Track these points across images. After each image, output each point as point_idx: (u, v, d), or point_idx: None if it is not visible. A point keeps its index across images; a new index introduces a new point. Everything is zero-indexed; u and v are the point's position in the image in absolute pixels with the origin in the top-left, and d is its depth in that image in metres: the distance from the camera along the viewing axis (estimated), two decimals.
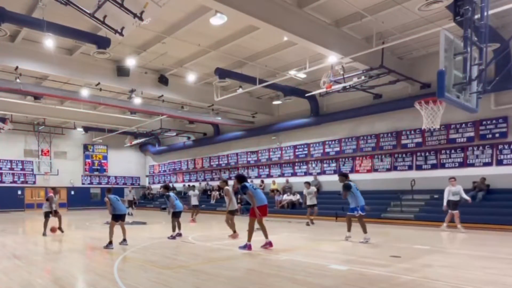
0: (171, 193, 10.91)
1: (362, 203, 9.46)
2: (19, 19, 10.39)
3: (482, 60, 6.27)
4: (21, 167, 27.47)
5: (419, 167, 15.39)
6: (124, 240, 9.13)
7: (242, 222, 13.02)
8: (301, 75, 15.18)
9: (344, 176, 9.91)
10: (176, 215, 10.68)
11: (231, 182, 11.11)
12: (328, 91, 13.43)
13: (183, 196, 22.12)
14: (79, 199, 29.57)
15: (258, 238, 8.42)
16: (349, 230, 9.60)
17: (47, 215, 11.86)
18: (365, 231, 9.22)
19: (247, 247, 8.20)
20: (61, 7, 7.68)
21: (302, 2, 10.27)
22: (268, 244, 8.33)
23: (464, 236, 10.63)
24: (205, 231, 12.81)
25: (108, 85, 15.52)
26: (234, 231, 10.50)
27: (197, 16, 10.97)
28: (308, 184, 14.45)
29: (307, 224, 13.97)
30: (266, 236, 8.39)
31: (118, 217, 9.01)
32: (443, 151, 14.73)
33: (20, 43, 12.74)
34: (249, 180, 9.05)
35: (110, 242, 8.72)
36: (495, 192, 13.17)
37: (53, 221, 11.94)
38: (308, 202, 14.16)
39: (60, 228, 12.00)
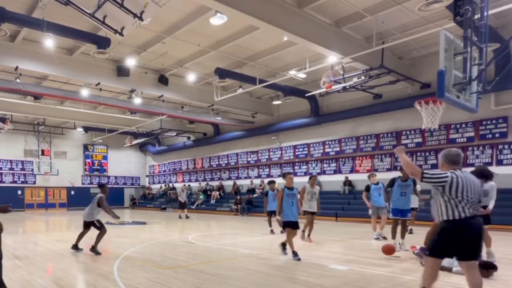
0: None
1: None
2: (19, 19, 10.39)
3: (482, 60, 6.26)
4: (21, 167, 27.48)
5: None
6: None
7: (241, 222, 13.09)
8: (301, 75, 15.18)
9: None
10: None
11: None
12: (328, 91, 13.43)
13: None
14: (79, 199, 29.49)
15: (256, 238, 8.38)
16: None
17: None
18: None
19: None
20: (61, 7, 7.70)
21: (302, 2, 10.27)
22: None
23: None
24: (205, 231, 12.81)
25: (108, 85, 15.51)
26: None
27: (197, 16, 10.97)
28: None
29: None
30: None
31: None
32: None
33: (20, 43, 12.74)
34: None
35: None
36: None
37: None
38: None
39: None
